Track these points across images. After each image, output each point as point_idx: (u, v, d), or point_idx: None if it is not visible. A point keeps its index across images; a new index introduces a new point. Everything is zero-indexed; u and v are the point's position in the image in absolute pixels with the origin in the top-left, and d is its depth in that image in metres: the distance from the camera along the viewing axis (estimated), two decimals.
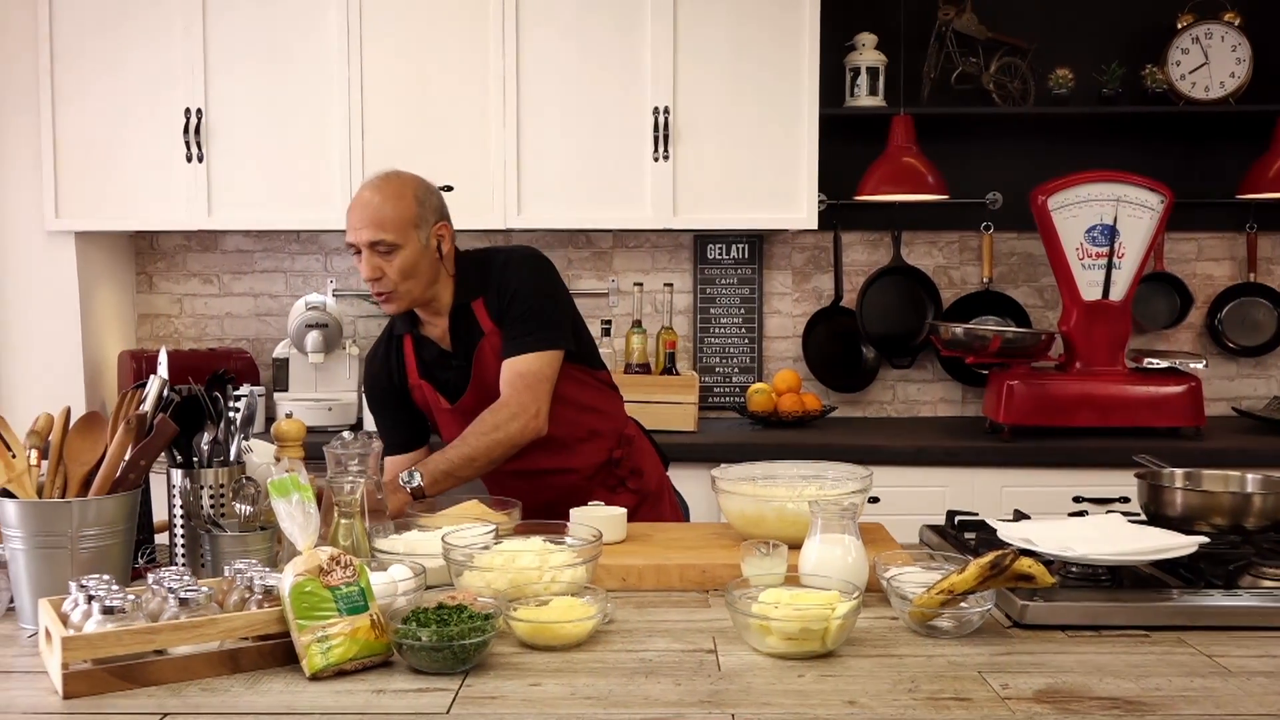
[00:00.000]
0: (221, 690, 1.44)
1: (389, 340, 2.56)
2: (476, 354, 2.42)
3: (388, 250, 2.34)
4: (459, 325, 2.45)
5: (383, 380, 2.55)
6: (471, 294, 2.44)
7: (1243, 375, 4.07)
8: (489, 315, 2.43)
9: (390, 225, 2.35)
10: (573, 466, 2.48)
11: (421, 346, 2.50)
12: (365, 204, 2.37)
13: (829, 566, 1.74)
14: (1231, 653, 1.57)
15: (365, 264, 2.35)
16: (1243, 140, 3.88)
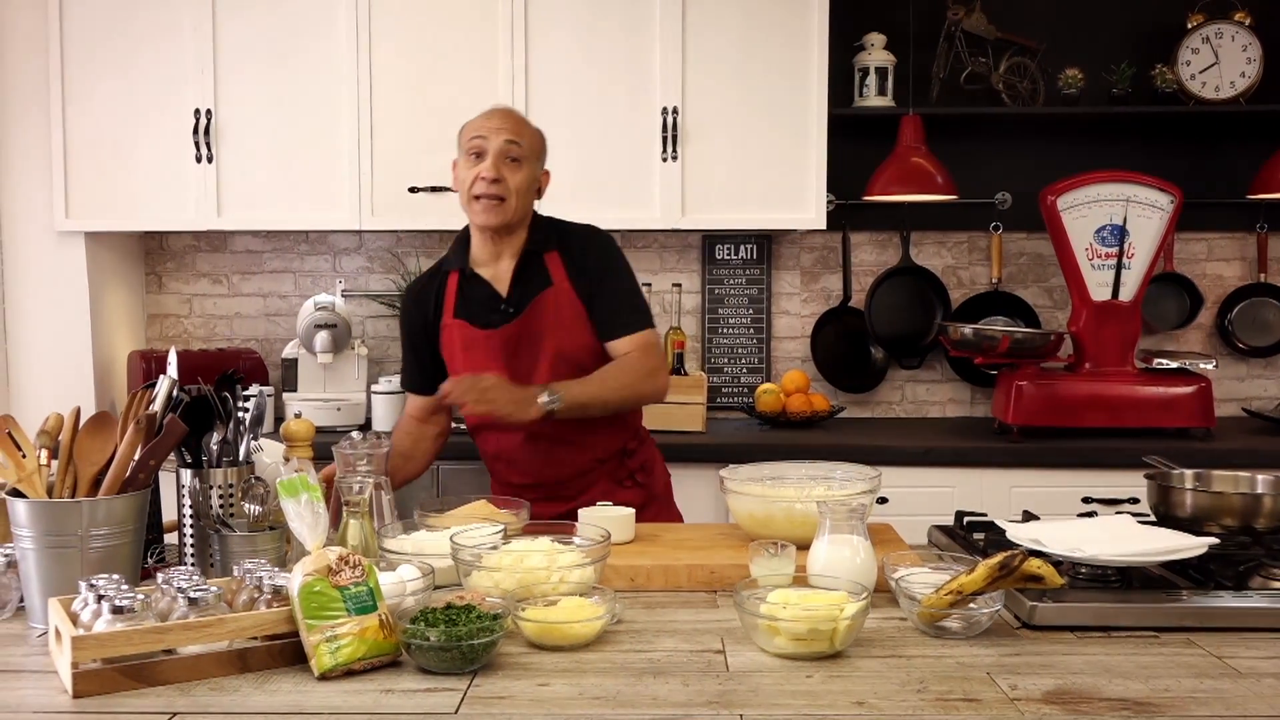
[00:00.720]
0: (230, 690, 1.44)
1: (433, 275, 2.58)
2: (537, 300, 2.45)
3: (516, 159, 2.42)
4: (524, 270, 2.48)
5: (415, 315, 2.57)
6: (545, 245, 2.49)
7: (1253, 376, 4.06)
8: (565, 272, 2.47)
9: (528, 136, 2.47)
10: (590, 446, 2.48)
11: (469, 285, 2.51)
12: (507, 114, 2.48)
13: (837, 567, 1.73)
14: (1241, 654, 1.57)
15: (490, 164, 2.39)
16: (1253, 140, 3.87)
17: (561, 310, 2.45)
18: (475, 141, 2.42)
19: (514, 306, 2.46)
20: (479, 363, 2.45)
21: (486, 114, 2.48)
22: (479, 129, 2.43)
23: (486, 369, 2.41)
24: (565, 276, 2.47)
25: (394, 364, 4.06)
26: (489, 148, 2.41)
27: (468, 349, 2.48)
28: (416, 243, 4.06)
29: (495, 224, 2.43)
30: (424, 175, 3.64)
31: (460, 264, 2.52)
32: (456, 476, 3.44)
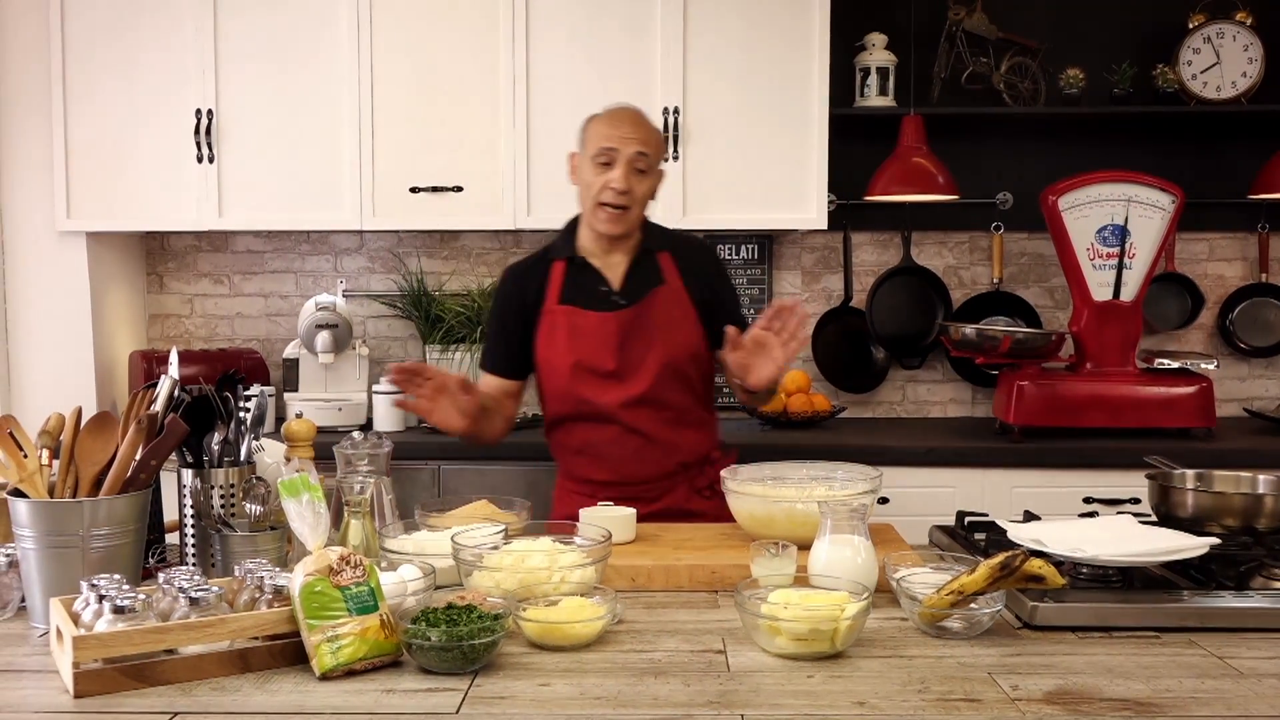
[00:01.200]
0: (232, 690, 1.44)
1: (538, 261, 2.58)
2: (650, 297, 2.49)
3: (644, 169, 2.43)
4: (638, 268, 2.51)
5: (514, 297, 2.56)
6: (658, 244, 2.54)
7: (1254, 376, 4.05)
8: (678, 271, 2.52)
9: (654, 146, 2.46)
10: (677, 449, 2.49)
11: (578, 273, 2.52)
12: (637, 120, 2.46)
13: (838, 567, 1.74)
14: (1243, 654, 1.57)
15: (621, 174, 2.40)
16: (1255, 140, 3.87)
17: (672, 309, 2.49)
18: (605, 150, 2.42)
19: (626, 299, 2.49)
20: (588, 347, 2.47)
21: (615, 118, 2.46)
22: (609, 137, 2.42)
23: (595, 353, 2.45)
24: (678, 277, 2.51)
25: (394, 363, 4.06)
26: (619, 158, 2.41)
27: (576, 334, 2.48)
28: (418, 243, 4.06)
29: (618, 233, 2.47)
30: (425, 175, 3.64)
31: (569, 252, 2.54)
32: (458, 476, 3.45)
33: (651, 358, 2.46)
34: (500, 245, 4.06)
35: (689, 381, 2.52)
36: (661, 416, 2.47)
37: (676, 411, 2.49)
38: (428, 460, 3.45)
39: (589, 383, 2.46)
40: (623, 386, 2.45)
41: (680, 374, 2.49)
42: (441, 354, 3.88)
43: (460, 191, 3.65)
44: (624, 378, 2.46)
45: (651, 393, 2.46)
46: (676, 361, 2.48)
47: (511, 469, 3.44)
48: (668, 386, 2.47)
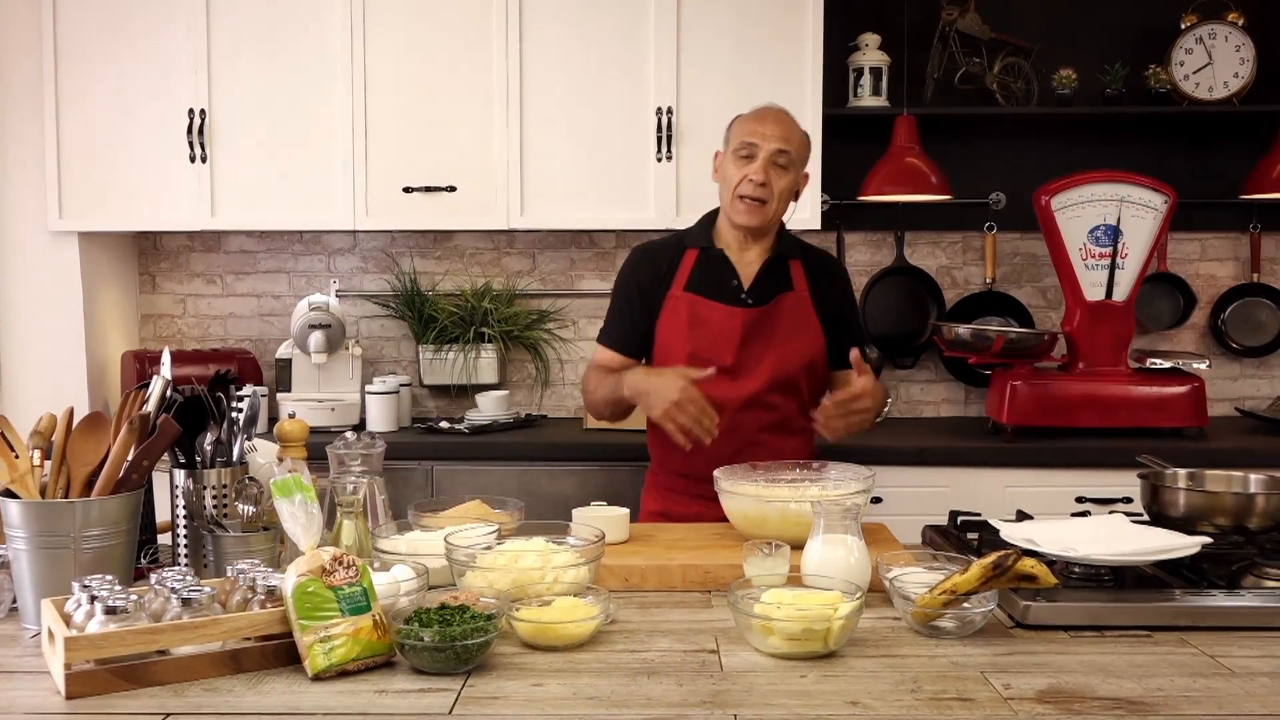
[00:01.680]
0: (224, 690, 1.44)
1: (671, 245, 2.61)
2: (778, 301, 2.51)
3: (785, 165, 2.47)
4: (769, 271, 2.53)
5: (644, 274, 2.58)
6: (791, 251, 2.57)
7: (1246, 376, 4.06)
8: (806, 280, 2.55)
9: (797, 144, 2.50)
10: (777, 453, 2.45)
11: (709, 263, 2.54)
12: (780, 118, 2.50)
13: (832, 567, 1.74)
14: (1234, 653, 1.57)
15: (760, 167, 2.44)
16: (1246, 140, 3.87)
17: (796, 316, 2.52)
18: (747, 144, 2.46)
19: (754, 298, 2.51)
20: (709, 339, 2.48)
21: (759, 115, 2.51)
22: (751, 132, 2.47)
23: (715, 347, 2.46)
24: (806, 286, 2.54)
25: (388, 364, 4.06)
26: (760, 152, 2.45)
27: (698, 323, 2.50)
28: (411, 243, 4.06)
29: (755, 225, 2.49)
30: (419, 175, 3.64)
31: (704, 242, 2.57)
32: (451, 476, 3.44)
33: (769, 360, 2.49)
34: (494, 245, 4.06)
35: (798, 389, 2.53)
36: (767, 419, 2.50)
37: (782, 416, 2.51)
38: (421, 460, 3.45)
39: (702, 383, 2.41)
40: (736, 384, 2.46)
41: (792, 381, 2.51)
42: (435, 354, 3.88)
43: (454, 191, 3.65)
44: (738, 375, 2.47)
45: (762, 395, 2.48)
46: (791, 368, 2.50)
47: (505, 469, 3.44)
48: (778, 391, 2.50)
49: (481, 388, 3.90)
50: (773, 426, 2.50)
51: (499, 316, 3.91)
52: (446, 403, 4.04)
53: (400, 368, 4.06)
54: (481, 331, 3.89)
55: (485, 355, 3.89)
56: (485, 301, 3.92)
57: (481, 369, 3.89)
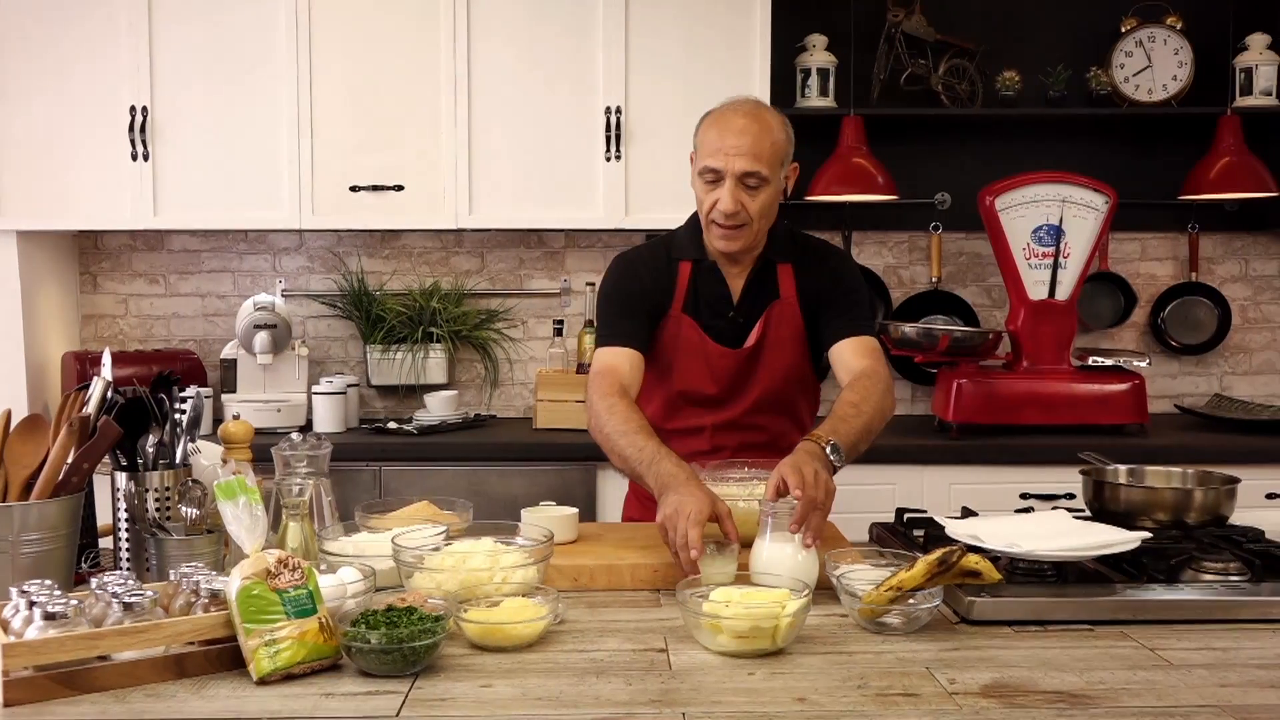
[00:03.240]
0: (167, 696, 1.42)
1: (663, 257, 2.39)
2: (766, 314, 2.35)
3: (756, 185, 2.22)
4: (757, 280, 2.36)
5: (648, 282, 2.36)
6: (780, 254, 2.37)
7: (1185, 373, 4.14)
8: (794, 284, 2.36)
9: (767, 158, 2.22)
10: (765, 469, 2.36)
11: (702, 278, 2.36)
12: (743, 130, 2.21)
13: (779, 565, 1.75)
14: (1173, 645, 1.60)
15: (728, 195, 2.20)
16: (1185, 142, 3.94)
17: (784, 326, 2.36)
18: (709, 161, 2.22)
19: (744, 316, 2.36)
20: (695, 371, 2.34)
21: (723, 127, 2.23)
22: (714, 153, 2.21)
23: (702, 380, 2.34)
24: (794, 290, 2.36)
25: (335, 364, 4.03)
26: (725, 178, 2.21)
27: (690, 354, 2.35)
28: (358, 242, 4.03)
29: (735, 250, 2.30)
30: (366, 174, 3.62)
31: (697, 254, 2.36)
32: (399, 477, 3.42)
33: (753, 385, 2.37)
34: (442, 245, 4.04)
35: (788, 407, 2.42)
36: (749, 440, 2.38)
37: (768, 435, 2.40)
38: (369, 461, 3.42)
39: (683, 405, 2.38)
40: (717, 411, 2.37)
41: (778, 401, 2.39)
42: (383, 354, 3.85)
43: (401, 190, 3.63)
44: (722, 404, 2.37)
45: (745, 418, 2.38)
46: (776, 389, 2.38)
47: (454, 469, 3.43)
48: (763, 413, 2.39)
49: (430, 388, 3.88)
50: (757, 446, 2.37)
51: (447, 316, 3.90)
52: (395, 403, 4.01)
53: (348, 368, 4.03)
54: (430, 331, 3.87)
55: (434, 355, 3.87)
56: (433, 301, 3.90)
57: (430, 369, 3.87)
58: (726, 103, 2.32)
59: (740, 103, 2.29)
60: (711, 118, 2.29)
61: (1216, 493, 2.05)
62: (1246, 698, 1.41)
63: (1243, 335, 4.12)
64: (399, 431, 3.60)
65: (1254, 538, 1.96)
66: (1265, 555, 1.87)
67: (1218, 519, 2.04)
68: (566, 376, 3.69)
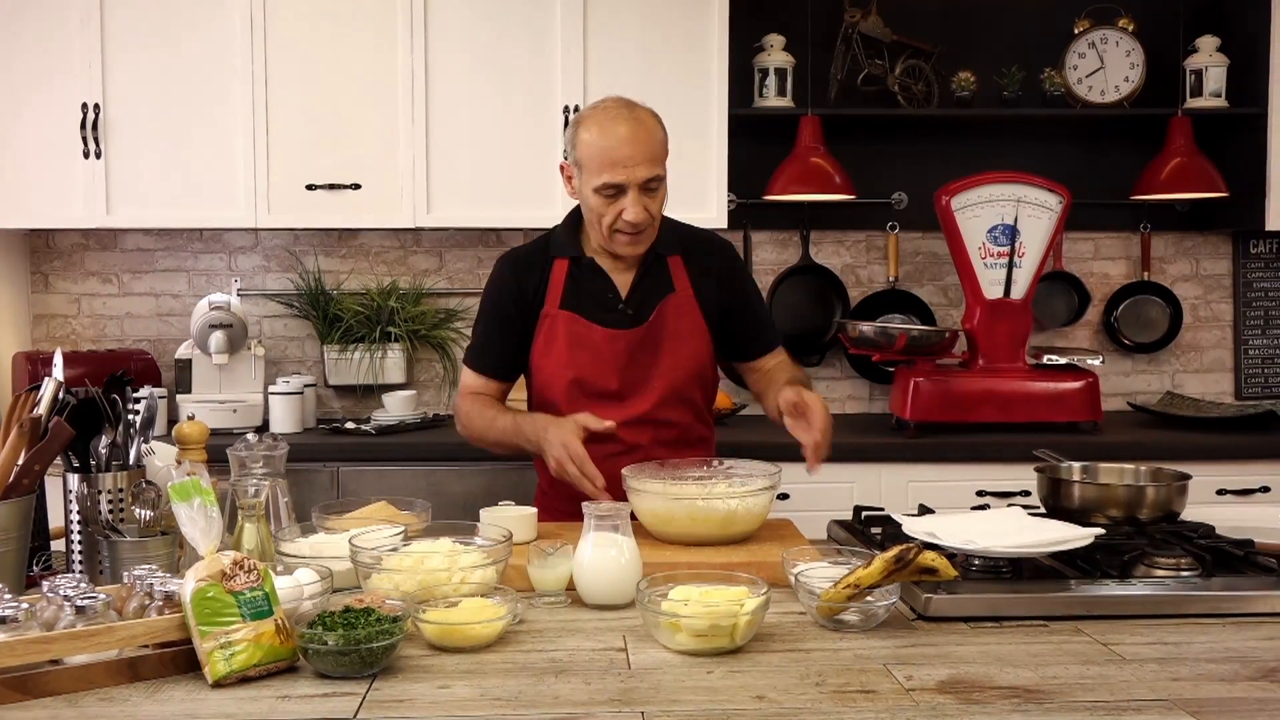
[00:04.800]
0: (120, 700, 1.40)
1: (538, 256, 2.38)
2: (661, 307, 2.33)
3: (655, 187, 2.23)
4: (647, 274, 2.35)
5: (515, 291, 2.36)
6: (669, 248, 2.36)
7: (1137, 371, 4.19)
8: (689, 279, 2.35)
9: (660, 157, 2.23)
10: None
11: (583, 275, 2.34)
12: (634, 138, 2.19)
13: (602, 567, 1.77)
14: (1126, 641, 1.62)
15: (635, 206, 2.19)
16: (1137, 142, 3.99)
17: (682, 319, 2.34)
18: (610, 176, 2.19)
19: (634, 309, 2.33)
20: (590, 363, 2.32)
21: (614, 137, 2.19)
22: (613, 168, 2.18)
23: (597, 371, 2.31)
24: (688, 283, 2.35)
25: (292, 364, 4.00)
26: (629, 189, 2.20)
27: (578, 345, 2.32)
28: (315, 241, 4.00)
29: (640, 253, 2.30)
30: (323, 173, 3.59)
31: (574, 251, 2.35)
32: (357, 478, 3.40)
33: (656, 377, 2.33)
34: (400, 244, 4.01)
35: (692, 400, 2.40)
36: (662, 435, 2.35)
37: (678, 430, 2.38)
38: (326, 462, 3.40)
39: (586, 401, 2.31)
40: (623, 407, 2.31)
41: (684, 394, 2.37)
42: (340, 354, 3.83)
43: (358, 189, 3.60)
44: (625, 398, 2.33)
45: (653, 413, 2.34)
46: (681, 381, 2.36)
47: (412, 469, 3.41)
48: (670, 406, 2.36)
49: (388, 388, 3.86)
50: (669, 442, 2.36)
51: (405, 315, 3.88)
52: (352, 403, 3.98)
53: (305, 368, 4.00)
54: (388, 331, 3.85)
55: (392, 355, 3.85)
56: (391, 300, 3.88)
57: (388, 369, 3.85)
58: (598, 109, 2.28)
59: (614, 107, 2.26)
60: (591, 127, 2.23)
61: (1168, 489, 2.08)
62: (1197, 691, 1.43)
63: (1194, 334, 4.18)
64: (357, 431, 3.57)
65: (1204, 533, 1.99)
66: (1215, 551, 1.90)
67: (1169, 515, 2.07)
68: None
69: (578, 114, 2.33)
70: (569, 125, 2.32)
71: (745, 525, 2.05)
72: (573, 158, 2.28)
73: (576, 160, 2.27)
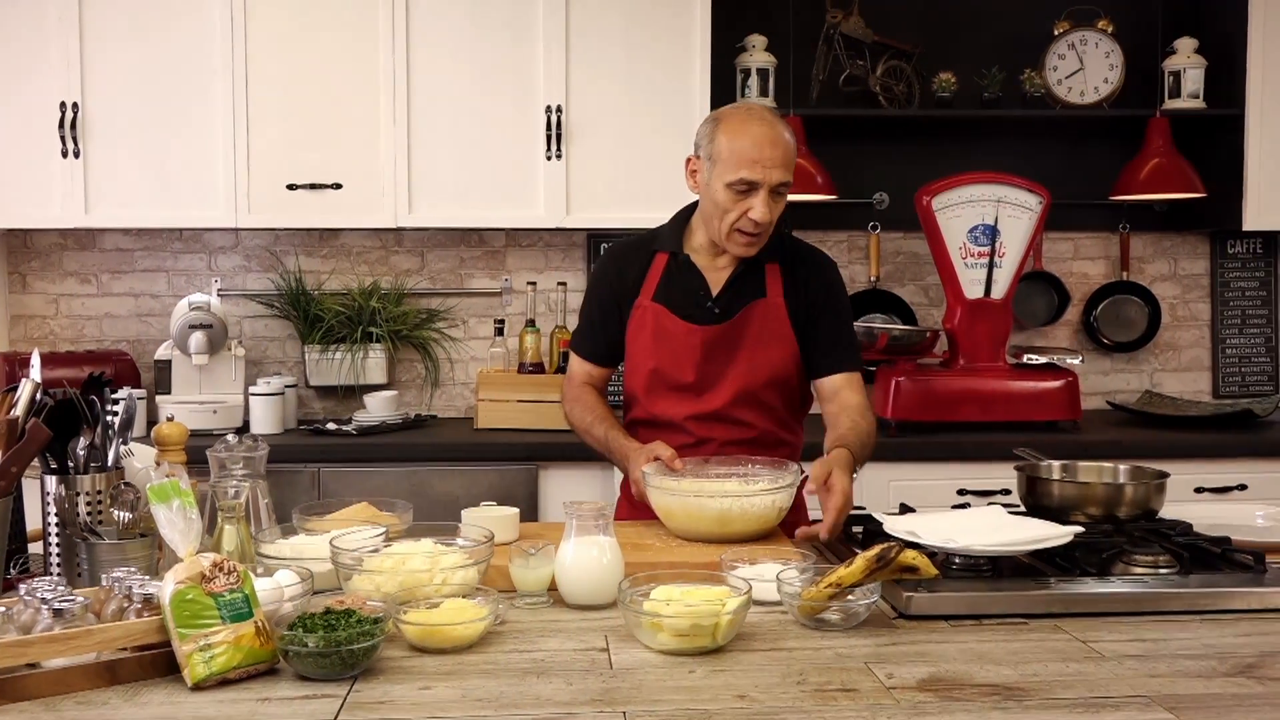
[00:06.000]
0: (99, 703, 1.39)
1: (641, 248, 2.45)
2: (748, 310, 2.35)
3: (783, 193, 2.27)
4: (741, 277, 2.37)
5: (616, 282, 2.43)
6: (768, 255, 2.37)
7: (1116, 370, 4.22)
8: (782, 287, 2.37)
9: (792, 166, 2.27)
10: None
11: (678, 269, 2.39)
12: (774, 141, 2.23)
13: (584, 567, 1.77)
14: (1104, 638, 1.63)
15: (764, 206, 2.23)
16: (1116, 143, 4.02)
17: (768, 324, 2.36)
18: (747, 181, 2.22)
19: (721, 308, 2.36)
20: (670, 353, 2.35)
21: (756, 139, 2.23)
22: (752, 165, 2.21)
23: (676, 363, 2.35)
24: (780, 292, 2.37)
25: (273, 364, 3.98)
26: (761, 189, 2.23)
27: (661, 337, 2.36)
28: (296, 241, 3.98)
29: (753, 254, 2.33)
30: (304, 172, 3.58)
31: (674, 246, 2.40)
32: (339, 478, 3.39)
33: (732, 376, 2.35)
34: (381, 244, 4.00)
35: (768, 404, 2.39)
36: (736, 435, 2.36)
37: (755, 431, 2.38)
38: (307, 463, 3.39)
39: (663, 392, 2.37)
40: (697, 401, 2.36)
41: (759, 397, 2.37)
42: (321, 354, 3.82)
43: (339, 189, 3.59)
44: (701, 392, 2.36)
45: (726, 410, 2.35)
46: (756, 383, 2.36)
47: (394, 470, 3.40)
48: (744, 406, 2.37)
49: (369, 388, 3.85)
50: (743, 443, 2.36)
51: (387, 316, 3.87)
52: (334, 404, 3.97)
53: (285, 369, 3.98)
54: (369, 331, 3.84)
55: (373, 355, 3.84)
56: (373, 301, 3.87)
57: (369, 369, 3.84)
58: (739, 110, 2.33)
59: (756, 110, 2.31)
60: (732, 126, 2.27)
61: (1146, 487, 2.09)
62: (1175, 687, 1.44)
63: (1172, 333, 4.21)
64: (338, 433, 3.56)
65: (1182, 531, 2.01)
66: (1193, 548, 1.91)
67: (1148, 513, 2.08)
68: (508, 376, 3.68)
69: (714, 111, 2.37)
70: (704, 121, 2.36)
71: (742, 525, 2.04)
72: (705, 152, 2.30)
73: (710, 155, 2.29)
